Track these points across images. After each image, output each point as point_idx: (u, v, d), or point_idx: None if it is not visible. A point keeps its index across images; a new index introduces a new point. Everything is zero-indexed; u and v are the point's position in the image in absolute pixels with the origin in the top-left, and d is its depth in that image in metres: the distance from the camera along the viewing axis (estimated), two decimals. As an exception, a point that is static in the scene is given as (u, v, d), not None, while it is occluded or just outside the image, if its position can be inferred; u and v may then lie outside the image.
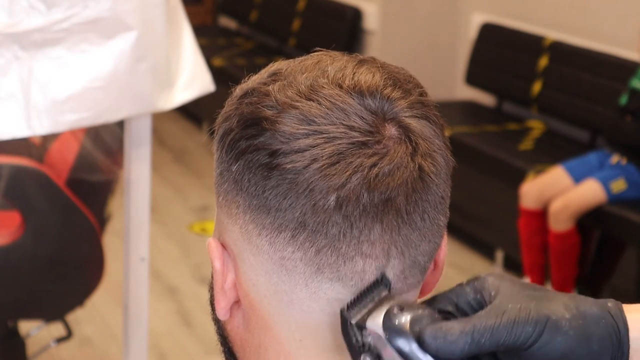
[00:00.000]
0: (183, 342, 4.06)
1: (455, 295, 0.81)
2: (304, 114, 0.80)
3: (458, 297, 0.81)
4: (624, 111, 4.33)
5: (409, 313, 0.77)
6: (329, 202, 0.79)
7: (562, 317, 0.77)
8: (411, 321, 0.77)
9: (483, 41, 5.73)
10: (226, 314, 0.87)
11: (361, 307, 0.79)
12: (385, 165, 0.79)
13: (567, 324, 0.77)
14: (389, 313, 0.77)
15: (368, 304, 0.79)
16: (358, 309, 0.79)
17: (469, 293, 0.81)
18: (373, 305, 0.79)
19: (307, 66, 0.84)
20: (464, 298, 0.81)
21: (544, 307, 0.77)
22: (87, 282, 3.22)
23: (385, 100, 0.81)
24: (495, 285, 0.80)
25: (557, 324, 0.77)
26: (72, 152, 3.23)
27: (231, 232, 0.85)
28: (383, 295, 0.80)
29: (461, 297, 0.81)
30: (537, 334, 0.76)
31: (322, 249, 0.80)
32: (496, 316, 0.76)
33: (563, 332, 0.77)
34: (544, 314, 0.77)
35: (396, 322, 0.77)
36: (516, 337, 0.76)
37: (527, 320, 0.76)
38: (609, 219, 4.23)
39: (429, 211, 0.81)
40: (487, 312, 0.77)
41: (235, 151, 0.82)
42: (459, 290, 0.81)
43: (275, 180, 0.79)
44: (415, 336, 0.76)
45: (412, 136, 0.81)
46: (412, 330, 0.76)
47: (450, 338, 0.76)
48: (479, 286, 0.80)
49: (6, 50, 1.97)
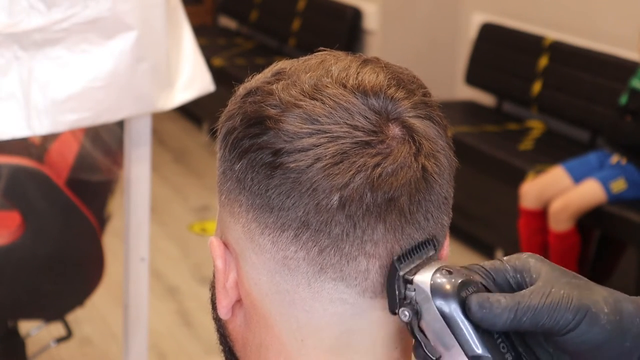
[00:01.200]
0: (183, 342, 4.06)
1: (494, 271, 0.81)
2: (308, 113, 0.80)
3: (497, 273, 0.81)
4: (624, 111, 4.33)
5: (457, 277, 0.78)
6: (332, 201, 0.78)
7: (602, 310, 0.78)
8: (458, 285, 0.78)
9: (483, 41, 5.73)
10: (227, 313, 0.87)
11: (410, 262, 0.80)
12: (389, 165, 0.79)
13: (605, 318, 0.78)
14: (438, 273, 0.79)
15: (416, 261, 0.80)
16: (406, 263, 0.80)
17: (509, 270, 0.81)
18: (421, 262, 0.80)
19: (311, 66, 0.84)
20: (502, 275, 0.81)
21: (585, 297, 0.78)
22: (87, 282, 3.22)
23: (389, 100, 0.81)
24: (537, 267, 0.80)
25: (596, 316, 0.77)
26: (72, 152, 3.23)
27: (233, 231, 0.84)
28: (431, 254, 0.81)
29: (500, 274, 0.81)
30: (576, 322, 0.77)
31: (325, 249, 0.80)
32: (540, 297, 0.77)
33: (600, 325, 0.77)
34: (585, 304, 0.77)
35: (443, 282, 0.78)
36: (556, 321, 0.77)
37: (568, 307, 0.77)
38: (609, 219, 4.23)
39: (432, 211, 0.82)
40: (531, 292, 0.78)
41: (238, 150, 0.82)
42: (499, 265, 0.81)
43: (278, 179, 0.79)
44: (459, 300, 0.77)
45: (416, 136, 0.81)
46: (457, 294, 0.77)
47: (496, 310, 0.77)
48: (519, 266, 0.81)
49: (6, 50, 1.97)
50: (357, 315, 0.82)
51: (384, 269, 0.81)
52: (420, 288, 0.79)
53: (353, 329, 0.82)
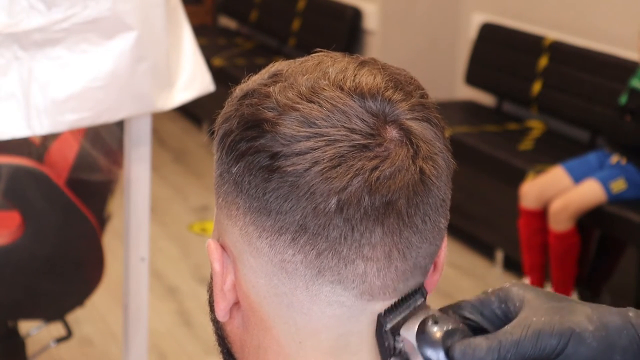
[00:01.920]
0: (183, 342, 4.06)
1: (480, 304, 0.82)
2: (305, 116, 0.80)
3: (483, 306, 0.82)
4: (624, 111, 4.33)
5: (443, 326, 0.79)
6: (329, 205, 0.78)
7: (586, 329, 0.78)
8: (444, 335, 0.79)
9: (483, 41, 5.73)
10: (225, 316, 0.87)
11: (397, 313, 0.81)
12: (387, 168, 0.79)
13: (590, 336, 0.78)
14: (424, 324, 0.79)
15: (404, 311, 0.81)
16: (393, 315, 0.81)
17: (494, 302, 0.82)
18: (408, 313, 0.81)
19: (308, 67, 0.84)
20: (489, 307, 0.82)
21: (567, 320, 0.78)
22: (87, 282, 3.22)
23: (386, 103, 0.81)
24: (520, 295, 0.81)
25: (580, 337, 0.78)
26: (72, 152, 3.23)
27: (231, 234, 0.84)
28: (419, 303, 0.82)
29: (486, 306, 0.82)
30: (562, 346, 0.77)
31: (322, 252, 0.80)
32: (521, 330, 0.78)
33: (587, 344, 0.78)
34: (567, 327, 0.78)
35: (429, 333, 0.79)
36: (541, 350, 0.77)
37: (551, 333, 0.78)
38: (609, 219, 4.23)
39: (430, 214, 0.81)
40: (512, 327, 0.79)
41: (235, 153, 0.82)
42: (484, 299, 0.82)
43: (276, 183, 0.79)
44: (444, 349, 0.78)
45: (413, 139, 0.81)
46: (444, 343, 0.78)
47: (478, 354, 0.78)
48: (503, 296, 0.82)
49: (6, 50, 1.97)
50: (355, 318, 0.82)
51: (382, 273, 0.81)
52: (407, 340, 0.80)
53: (351, 331, 0.82)
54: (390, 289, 0.81)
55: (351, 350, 0.83)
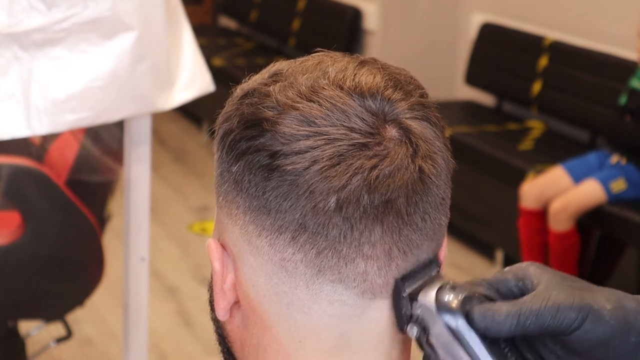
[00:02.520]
0: (183, 342, 4.07)
1: (496, 281, 0.82)
2: (305, 115, 0.80)
3: (499, 283, 0.82)
4: (624, 111, 4.33)
5: (460, 292, 0.80)
6: (329, 204, 0.79)
7: (604, 307, 0.79)
8: (462, 299, 0.79)
9: (483, 41, 5.73)
10: (226, 315, 0.87)
11: (413, 281, 0.81)
12: (386, 167, 0.79)
13: (608, 314, 0.78)
14: (442, 289, 0.80)
15: (420, 279, 0.82)
16: (410, 282, 0.81)
17: (510, 280, 0.82)
18: (425, 281, 0.82)
19: (308, 67, 0.84)
20: (505, 284, 0.82)
21: (587, 297, 0.79)
22: (87, 282, 3.22)
23: (386, 102, 0.81)
24: (538, 274, 0.81)
25: (599, 313, 0.78)
26: (72, 152, 3.23)
27: (231, 233, 0.84)
28: (434, 273, 0.83)
29: (502, 284, 0.82)
30: (580, 320, 0.78)
31: (322, 251, 0.80)
32: (541, 301, 0.78)
33: (605, 322, 0.78)
34: (587, 302, 0.78)
35: (448, 298, 0.79)
36: (560, 321, 0.77)
37: (571, 307, 0.78)
38: (609, 219, 4.23)
39: (429, 212, 0.82)
40: (532, 297, 0.79)
41: (235, 152, 0.82)
42: (500, 276, 0.82)
43: (275, 182, 0.79)
44: (464, 314, 0.79)
45: (413, 138, 0.81)
46: (462, 308, 0.79)
47: (498, 318, 0.78)
48: (520, 274, 0.82)
49: (6, 50, 1.97)
50: (356, 317, 0.82)
51: (382, 271, 0.81)
52: (425, 305, 0.80)
53: (352, 330, 0.82)
54: (392, 287, 0.82)
55: (352, 349, 0.83)
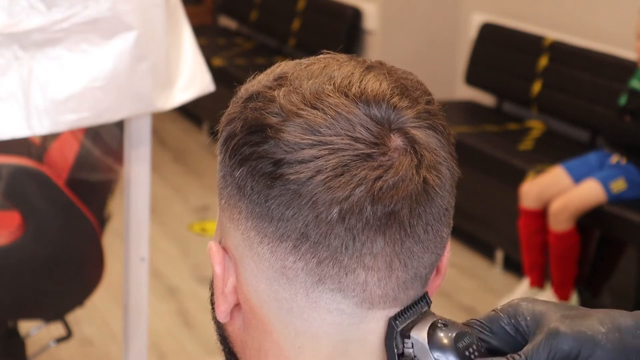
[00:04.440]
0: (183, 342, 4.06)
1: (489, 321, 0.82)
2: (309, 123, 0.79)
3: (492, 323, 0.82)
4: (624, 111, 4.33)
5: (452, 330, 0.80)
6: (331, 214, 0.78)
7: (598, 331, 0.78)
8: (454, 337, 0.80)
9: (483, 41, 5.73)
10: (226, 317, 0.87)
11: (405, 318, 0.82)
12: (390, 178, 0.78)
13: (604, 338, 0.78)
14: (434, 326, 0.80)
15: (411, 317, 0.82)
16: (402, 320, 0.82)
17: (503, 318, 0.82)
18: (416, 318, 0.82)
19: (314, 71, 0.83)
20: (497, 324, 0.82)
21: (578, 324, 0.79)
22: (87, 282, 3.22)
23: (391, 110, 0.80)
24: (529, 309, 0.81)
25: (593, 339, 0.78)
26: (72, 151, 3.23)
27: (233, 237, 0.84)
28: (424, 310, 0.83)
29: (495, 323, 0.82)
30: (576, 350, 0.77)
31: (323, 261, 0.80)
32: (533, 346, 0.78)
33: (601, 346, 0.78)
34: (579, 330, 0.78)
35: (440, 335, 0.80)
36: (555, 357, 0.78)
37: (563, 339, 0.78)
38: (609, 219, 4.23)
39: (432, 223, 0.81)
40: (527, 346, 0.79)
41: (238, 157, 0.81)
42: (493, 315, 0.83)
43: (278, 190, 0.79)
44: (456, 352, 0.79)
45: (418, 148, 0.80)
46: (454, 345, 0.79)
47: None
48: (512, 311, 0.82)
49: (6, 50, 1.97)
50: (354, 325, 0.82)
51: (382, 282, 0.81)
52: (417, 342, 0.80)
53: (350, 338, 0.82)
54: (391, 298, 0.81)
55: (349, 356, 0.83)
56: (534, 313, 0.80)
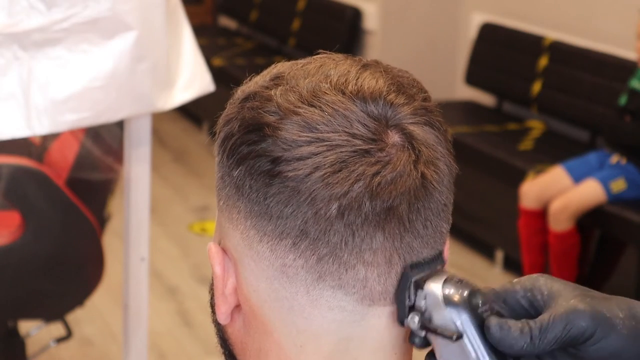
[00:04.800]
0: (183, 342, 4.07)
1: (504, 292, 0.82)
2: (306, 121, 0.79)
3: (507, 294, 0.81)
4: (624, 111, 4.33)
5: (466, 286, 0.80)
6: (330, 210, 0.78)
7: (616, 315, 0.78)
8: (468, 293, 0.79)
9: (483, 41, 5.73)
10: (227, 319, 0.87)
11: (419, 271, 0.81)
12: (388, 174, 0.79)
13: (620, 323, 0.78)
14: (449, 281, 0.80)
15: (425, 271, 0.81)
16: (416, 271, 0.81)
17: (518, 291, 0.81)
18: (431, 272, 0.81)
19: (310, 70, 0.83)
20: (512, 296, 0.81)
21: (597, 304, 0.78)
22: (87, 282, 3.22)
23: (388, 107, 0.81)
24: (548, 285, 0.81)
25: (611, 322, 0.78)
26: (72, 151, 3.23)
27: (232, 237, 0.84)
28: (439, 268, 0.82)
29: (510, 295, 0.81)
30: (592, 329, 0.77)
31: (323, 257, 0.80)
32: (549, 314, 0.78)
33: (617, 331, 0.77)
34: (598, 310, 0.78)
35: (454, 290, 0.79)
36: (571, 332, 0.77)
37: (581, 315, 0.77)
38: (609, 219, 4.23)
39: (431, 219, 0.81)
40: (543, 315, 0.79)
41: (236, 156, 0.82)
42: (509, 287, 0.82)
43: (277, 188, 0.79)
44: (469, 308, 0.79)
45: (415, 143, 0.80)
46: (468, 302, 0.79)
47: (514, 334, 0.78)
48: (529, 285, 0.81)
49: (6, 50, 1.97)
50: (356, 323, 0.82)
51: (382, 278, 0.81)
52: (431, 294, 0.80)
53: (351, 335, 0.82)
54: (391, 294, 0.81)
55: (352, 354, 0.83)
56: (551, 289, 0.80)
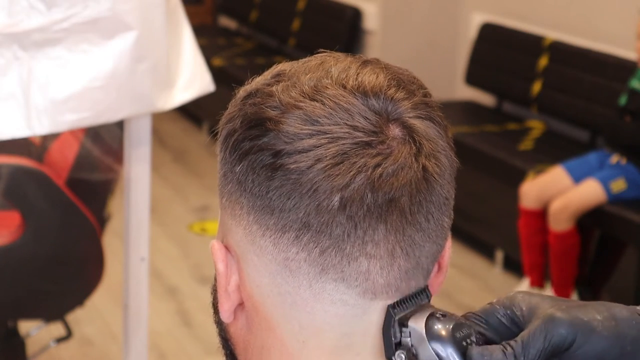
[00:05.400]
0: (183, 342, 4.07)
1: (485, 314, 0.83)
2: (308, 114, 0.80)
3: (488, 315, 0.83)
4: (624, 111, 4.33)
5: (450, 320, 0.80)
6: (332, 202, 0.79)
7: (594, 318, 0.79)
8: (452, 327, 0.80)
9: (483, 41, 5.73)
10: (230, 317, 0.87)
11: (403, 308, 0.82)
12: (389, 166, 0.79)
13: (600, 325, 0.79)
14: (432, 316, 0.81)
15: (410, 307, 0.82)
16: (400, 309, 0.82)
17: (499, 310, 0.82)
18: (415, 309, 0.82)
19: (311, 67, 0.84)
20: (493, 316, 0.82)
21: (574, 311, 0.79)
22: (87, 282, 3.22)
23: (389, 101, 0.81)
24: (525, 300, 0.82)
25: (590, 325, 0.78)
26: (72, 151, 3.23)
27: (235, 234, 0.84)
28: (424, 303, 0.83)
29: (491, 315, 0.82)
30: (572, 335, 0.78)
31: (326, 250, 0.80)
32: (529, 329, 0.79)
33: (597, 332, 0.78)
34: (575, 316, 0.79)
35: (438, 325, 0.80)
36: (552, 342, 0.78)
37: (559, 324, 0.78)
38: (609, 219, 4.23)
39: (433, 212, 0.82)
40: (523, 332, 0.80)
41: (238, 152, 0.82)
42: (489, 308, 0.83)
43: (279, 181, 0.79)
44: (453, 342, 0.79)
45: (416, 136, 0.81)
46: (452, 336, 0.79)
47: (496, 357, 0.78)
48: (508, 303, 0.83)
49: (6, 50, 1.97)
50: (358, 317, 0.82)
51: (385, 270, 0.81)
52: (415, 331, 0.80)
53: (354, 330, 0.83)
54: (393, 288, 0.82)
55: (354, 349, 0.83)
56: (530, 304, 0.81)
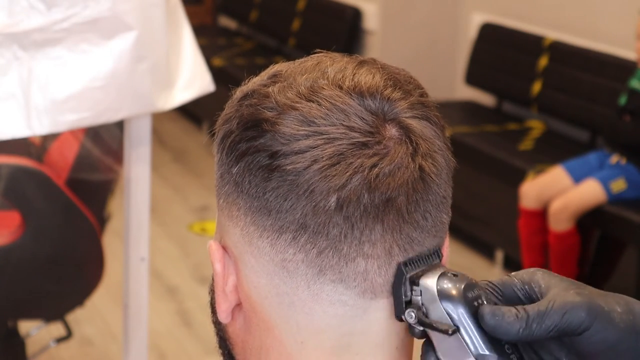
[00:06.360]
0: (183, 342, 4.07)
1: (501, 284, 0.82)
2: (304, 115, 0.80)
3: (504, 287, 0.81)
4: (623, 111, 4.33)
5: (461, 280, 0.79)
6: (329, 203, 0.79)
7: (614, 309, 0.78)
8: (463, 287, 0.79)
9: (483, 41, 5.73)
10: (227, 317, 0.87)
11: (414, 267, 0.81)
12: (386, 166, 0.79)
13: (618, 317, 0.78)
14: (444, 275, 0.80)
15: (421, 266, 0.81)
16: (412, 267, 0.81)
17: (516, 283, 0.81)
18: (426, 268, 0.81)
19: (307, 68, 0.84)
20: (510, 288, 0.81)
21: (596, 297, 0.78)
22: (87, 282, 3.22)
23: (385, 101, 0.81)
24: (545, 279, 0.81)
25: (609, 315, 0.78)
26: (72, 151, 3.23)
27: (232, 235, 0.84)
28: (435, 262, 0.82)
29: (507, 287, 0.81)
30: (590, 319, 0.77)
31: (323, 251, 0.80)
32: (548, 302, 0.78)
33: (614, 324, 0.78)
34: (596, 303, 0.78)
35: (450, 284, 0.79)
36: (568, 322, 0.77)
37: (580, 306, 0.77)
38: (609, 219, 4.23)
39: (430, 210, 0.82)
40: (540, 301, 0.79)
41: (235, 153, 0.82)
42: (507, 279, 0.82)
43: (275, 182, 0.79)
44: (465, 301, 0.79)
45: (413, 136, 0.81)
46: (463, 295, 0.79)
47: (507, 319, 0.77)
48: (526, 278, 0.81)
49: (6, 50, 1.97)
50: (357, 317, 0.82)
51: (383, 269, 0.81)
52: (426, 289, 0.80)
53: (353, 330, 0.82)
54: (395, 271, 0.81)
55: (354, 349, 0.83)
56: (549, 283, 0.80)
